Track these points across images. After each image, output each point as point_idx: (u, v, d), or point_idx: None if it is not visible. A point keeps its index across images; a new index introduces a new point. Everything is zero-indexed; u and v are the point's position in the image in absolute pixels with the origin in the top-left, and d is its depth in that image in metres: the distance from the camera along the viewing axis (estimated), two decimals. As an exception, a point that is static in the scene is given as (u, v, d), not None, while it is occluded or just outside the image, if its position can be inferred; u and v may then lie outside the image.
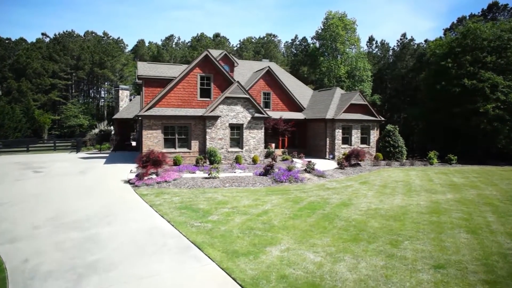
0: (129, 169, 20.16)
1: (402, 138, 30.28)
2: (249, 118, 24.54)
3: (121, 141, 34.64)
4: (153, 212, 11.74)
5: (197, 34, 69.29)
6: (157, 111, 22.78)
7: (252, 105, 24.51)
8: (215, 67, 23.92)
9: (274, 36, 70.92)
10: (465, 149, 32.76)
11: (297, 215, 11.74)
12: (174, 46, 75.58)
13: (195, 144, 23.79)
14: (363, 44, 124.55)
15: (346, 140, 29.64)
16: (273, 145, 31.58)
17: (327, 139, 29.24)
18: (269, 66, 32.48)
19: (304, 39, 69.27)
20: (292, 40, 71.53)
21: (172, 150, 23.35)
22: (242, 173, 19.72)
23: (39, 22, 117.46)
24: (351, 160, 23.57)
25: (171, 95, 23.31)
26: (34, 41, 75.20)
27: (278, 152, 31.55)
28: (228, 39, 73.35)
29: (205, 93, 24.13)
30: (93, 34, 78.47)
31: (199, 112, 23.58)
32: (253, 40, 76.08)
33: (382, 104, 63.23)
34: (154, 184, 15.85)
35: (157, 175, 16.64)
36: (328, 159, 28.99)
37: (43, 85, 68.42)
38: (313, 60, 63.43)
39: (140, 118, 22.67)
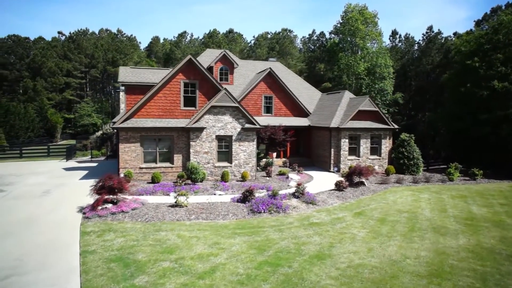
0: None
1: (419, 149, 26.79)
2: (238, 129, 21.98)
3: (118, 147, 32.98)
4: (75, 268, 9.51)
5: (210, 30, 67.06)
6: (135, 122, 20.65)
7: (242, 114, 21.91)
8: (200, 73, 21.47)
9: (290, 31, 67.51)
10: (494, 161, 28.71)
11: (252, 276, 9.17)
12: (187, 43, 73.80)
13: (178, 158, 21.54)
14: (386, 39, 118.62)
15: (354, 151, 26.50)
16: (274, 154, 28.93)
17: (332, 149, 26.22)
18: (270, 68, 29.69)
19: (322, 34, 65.51)
20: (309, 35, 67.94)
21: (153, 165, 21.22)
22: (220, 197, 17.25)
23: (58, 18, 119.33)
24: (353, 178, 20.55)
25: (151, 104, 21.10)
26: (50, 40, 75.58)
27: (279, 162, 28.88)
28: (242, 35, 70.65)
29: (190, 101, 21.76)
30: (108, 32, 77.98)
31: (182, 123, 21.27)
32: (269, 36, 73.02)
33: (405, 102, 58.83)
34: (107, 216, 13.69)
35: (115, 203, 14.48)
36: (333, 171, 26.00)
37: (57, 84, 68.60)
38: (331, 56, 59.72)
39: (116, 130, 20.62)
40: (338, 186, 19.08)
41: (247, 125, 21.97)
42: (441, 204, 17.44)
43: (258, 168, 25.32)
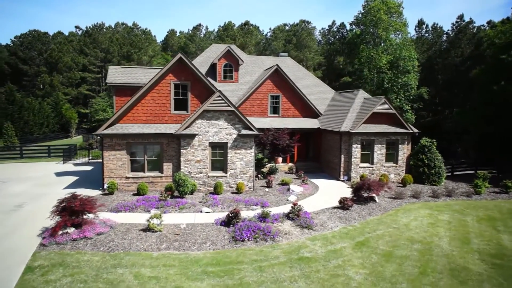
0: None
1: (445, 149, 23.84)
2: (234, 136, 19.87)
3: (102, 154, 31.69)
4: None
5: (224, 22, 64.83)
6: (120, 128, 18.94)
7: (239, 119, 19.76)
8: (192, 73, 19.43)
9: (308, 23, 64.19)
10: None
11: None
12: (202, 36, 71.96)
13: (168, 167, 19.72)
14: (411, 29, 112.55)
15: (367, 158, 23.83)
16: (280, 159, 26.71)
17: (342, 156, 23.66)
18: (277, 65, 27.26)
19: (342, 25, 61.85)
20: (329, 26, 64.40)
21: (140, 174, 19.52)
22: (206, 215, 15.28)
23: (76, 11, 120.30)
24: (361, 193, 18.04)
25: (139, 108, 19.31)
26: (68, 34, 75.71)
27: (285, 167, 26.63)
28: (258, 27, 67.98)
29: (181, 105, 19.81)
30: (124, 25, 77.26)
31: (173, 128, 19.38)
32: (287, 28, 69.97)
33: (431, 98, 54.74)
34: (67, 243, 12.01)
35: (78, 227, 12.77)
36: (342, 180, 23.50)
37: (73, 78, 68.68)
38: (351, 49, 56.30)
39: (100, 137, 19.00)
40: (343, 204, 16.65)
41: (244, 131, 19.82)
42: (464, 230, 14.72)
43: (259, 176, 23.20)
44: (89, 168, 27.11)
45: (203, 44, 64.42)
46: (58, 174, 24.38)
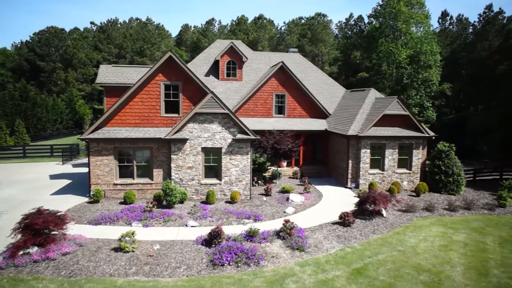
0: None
1: (460, 162, 21.57)
2: (229, 140, 18.38)
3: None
4: None
5: (237, 17, 63.12)
6: (106, 132, 17.80)
7: (234, 123, 18.24)
8: (183, 72, 18.02)
9: (324, 16, 61.60)
10: None
11: None
12: (216, 31, 70.57)
13: (158, 174, 18.48)
14: (434, 21, 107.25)
15: (377, 163, 21.86)
16: (285, 163, 25.11)
17: (349, 161, 21.79)
18: (282, 62, 25.51)
19: (360, 18, 58.97)
20: (346, 19, 61.61)
21: (129, 180, 18.37)
22: (191, 230, 13.93)
23: (92, 6, 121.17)
24: (366, 206, 16.21)
25: (127, 111, 18.10)
26: (82, 30, 76.01)
27: (289, 171, 24.98)
28: (272, 21, 65.88)
29: (172, 107, 18.47)
30: (138, 21, 76.83)
31: (163, 132, 18.09)
32: (303, 21, 67.57)
33: (454, 94, 51.47)
34: (26, 266, 10.91)
35: (42, 246, 11.64)
36: (350, 188, 21.67)
37: (87, 75, 68.87)
38: (370, 43, 53.56)
39: (86, 141, 17.92)
40: (343, 220, 14.91)
41: (239, 135, 18.30)
42: (482, 256, 12.73)
43: (259, 182, 21.67)
44: (86, 169, 26.29)
45: (216, 39, 63.01)
46: (53, 176, 23.66)
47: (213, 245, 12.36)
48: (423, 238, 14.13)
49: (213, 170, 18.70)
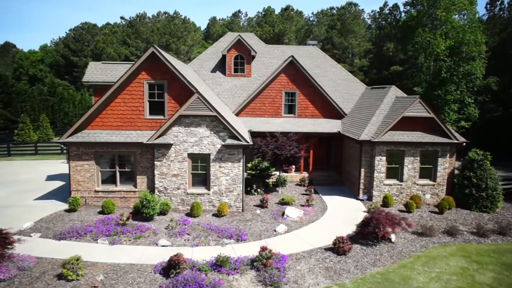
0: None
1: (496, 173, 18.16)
2: (218, 146, 16.42)
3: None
4: None
5: (263, 8, 60.54)
6: (86, 135, 16.49)
7: (224, 126, 16.23)
8: (168, 70, 16.24)
9: (356, 5, 57.48)
10: None
11: None
12: (243, 23, 68.56)
13: (142, 181, 16.96)
14: (481, 8, 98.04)
15: (395, 173, 18.96)
16: (293, 168, 22.86)
17: (362, 169, 19.08)
18: (292, 56, 23.07)
19: (396, 6, 54.31)
20: (380, 8, 57.12)
21: (112, 187, 17.02)
22: (160, 250, 12.19)
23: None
24: (369, 228, 13.55)
25: (108, 112, 16.68)
26: (112, 25, 77.07)
27: (297, 177, 22.68)
28: (301, 12, 62.65)
29: (157, 108, 16.82)
30: (166, 14, 76.56)
31: (146, 136, 16.49)
32: (334, 11, 63.75)
33: (502, 88, 45.91)
34: (-44, 292, 9.70)
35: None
36: (362, 200, 19.01)
37: (116, 70, 69.61)
38: (405, 33, 49.09)
39: (65, 145, 16.73)
40: (337, 247, 12.48)
41: (229, 141, 16.27)
42: (510, 307, 9.89)
43: (258, 190, 19.58)
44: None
45: (242, 32, 61.04)
46: (50, 177, 23.02)
47: (171, 276, 10.52)
48: (436, 276, 11.41)
49: (201, 178, 16.86)
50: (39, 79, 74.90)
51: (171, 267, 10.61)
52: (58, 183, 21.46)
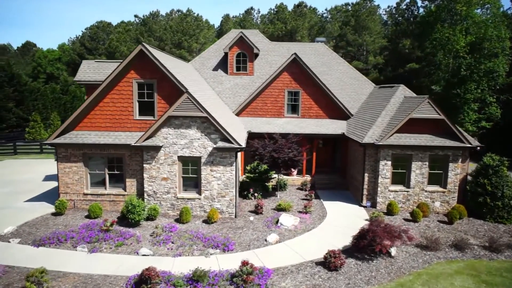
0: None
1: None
2: (210, 149, 15.57)
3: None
4: None
5: (276, 5, 59.25)
6: (74, 136, 15.96)
7: (215, 128, 15.36)
8: (158, 69, 15.48)
9: (370, 1, 55.44)
10: None
11: None
12: (255, 20, 67.53)
13: (131, 184, 16.32)
14: (505, 1, 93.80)
15: (401, 178, 17.65)
16: (295, 171, 21.83)
17: (366, 174, 17.86)
18: (295, 54, 22.00)
19: (413, 1, 52.07)
20: (396, 3, 54.90)
21: (101, 190, 16.45)
22: (131, 264, 11.47)
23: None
24: (365, 242, 12.40)
25: (97, 113, 16.10)
26: (126, 23, 77.45)
27: (298, 181, 21.64)
28: (315, 9, 61.05)
29: (147, 108, 16.11)
30: (179, 12, 76.38)
31: (135, 137, 15.82)
32: (349, 7, 61.89)
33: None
34: None
35: None
36: (365, 206, 17.81)
37: (128, 68, 69.93)
38: (423, 29, 46.99)
39: (53, 146, 16.24)
40: (328, 262, 11.42)
41: (221, 143, 15.40)
42: None
43: (255, 195, 18.65)
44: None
45: (254, 29, 60.05)
46: (48, 177, 22.78)
47: (143, 292, 9.76)
48: (436, 299, 10.22)
49: (192, 182, 16.07)
50: (56, 78, 76.08)
51: (142, 282, 9.85)
52: (54, 184, 21.13)
